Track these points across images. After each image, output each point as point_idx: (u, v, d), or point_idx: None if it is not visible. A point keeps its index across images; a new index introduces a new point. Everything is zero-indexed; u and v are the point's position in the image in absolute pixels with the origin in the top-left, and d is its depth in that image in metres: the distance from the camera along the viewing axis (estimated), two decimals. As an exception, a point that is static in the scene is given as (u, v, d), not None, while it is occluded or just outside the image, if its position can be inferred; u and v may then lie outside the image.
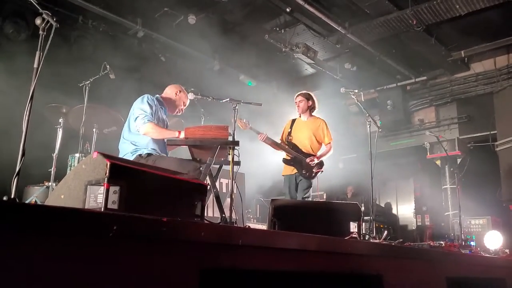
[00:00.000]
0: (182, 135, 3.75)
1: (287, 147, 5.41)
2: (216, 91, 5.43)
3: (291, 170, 5.42)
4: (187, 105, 4.26)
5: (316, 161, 5.38)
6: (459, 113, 9.58)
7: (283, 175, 5.57)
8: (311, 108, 5.60)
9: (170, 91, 4.23)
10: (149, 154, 3.77)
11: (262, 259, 2.11)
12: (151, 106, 3.88)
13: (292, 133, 5.54)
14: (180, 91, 4.21)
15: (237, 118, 4.46)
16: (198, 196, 2.63)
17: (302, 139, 5.50)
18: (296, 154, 5.38)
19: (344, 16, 7.43)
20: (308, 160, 5.35)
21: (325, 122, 5.62)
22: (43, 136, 4.94)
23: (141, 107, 3.85)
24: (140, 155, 3.76)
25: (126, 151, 3.82)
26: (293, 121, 5.66)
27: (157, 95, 4.14)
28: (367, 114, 5.15)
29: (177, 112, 4.23)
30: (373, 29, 7.57)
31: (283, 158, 5.47)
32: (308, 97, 5.61)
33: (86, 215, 1.54)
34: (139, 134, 3.81)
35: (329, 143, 5.57)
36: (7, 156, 2.86)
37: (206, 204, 3.93)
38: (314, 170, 5.38)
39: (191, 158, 3.94)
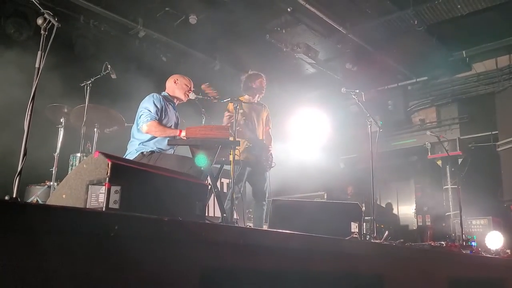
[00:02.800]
0: (183, 134, 3.79)
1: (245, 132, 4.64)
2: (217, 90, 5.42)
3: (245, 157, 4.58)
4: (192, 86, 4.30)
5: (271, 149, 4.82)
6: (460, 113, 9.56)
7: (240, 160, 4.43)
8: None
9: (169, 84, 4.32)
10: (151, 152, 3.83)
11: (263, 259, 2.11)
12: (156, 106, 3.94)
13: (246, 115, 4.76)
14: (177, 79, 4.29)
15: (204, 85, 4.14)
16: (199, 196, 2.63)
17: (257, 123, 4.88)
18: (257, 139, 4.71)
19: (345, 16, 7.41)
20: (269, 147, 4.80)
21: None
22: (45, 136, 4.95)
23: (145, 105, 3.95)
24: (142, 153, 3.81)
25: (131, 149, 3.90)
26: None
27: (163, 93, 4.22)
28: (368, 114, 5.14)
29: (187, 96, 4.26)
30: (374, 29, 7.56)
31: (246, 146, 4.64)
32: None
33: (87, 215, 1.55)
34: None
35: (269, 129, 5.07)
36: (8, 156, 2.87)
37: (207, 204, 3.95)
38: (269, 160, 4.80)
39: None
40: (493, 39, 8.25)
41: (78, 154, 5.02)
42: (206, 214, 4.07)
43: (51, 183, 4.89)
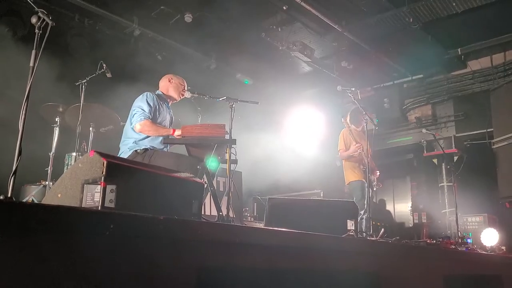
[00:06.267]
0: (177, 133, 3.78)
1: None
2: (213, 89, 5.42)
3: (363, 177, 5.61)
4: (186, 85, 4.32)
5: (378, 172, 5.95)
6: (455, 111, 9.58)
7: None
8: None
9: (163, 83, 4.35)
10: (145, 150, 3.82)
11: (259, 257, 2.11)
12: (149, 104, 3.94)
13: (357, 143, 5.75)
14: (172, 78, 4.33)
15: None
16: (195, 194, 2.63)
17: (365, 149, 5.76)
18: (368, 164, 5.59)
19: (340, 14, 7.41)
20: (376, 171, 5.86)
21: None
22: (40, 135, 4.93)
23: (139, 104, 3.94)
24: (136, 150, 3.81)
25: (124, 148, 3.89)
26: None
27: (157, 92, 4.23)
28: (364, 112, 5.15)
29: (181, 95, 4.28)
30: (369, 27, 7.56)
31: (363, 169, 5.67)
32: None
33: (83, 214, 1.54)
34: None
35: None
36: (3, 155, 2.85)
37: (203, 203, 3.94)
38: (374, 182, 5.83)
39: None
40: (488, 36, 8.27)
41: (74, 153, 5.01)
42: (202, 213, 4.07)
43: (47, 182, 4.87)
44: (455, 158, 8.37)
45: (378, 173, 5.91)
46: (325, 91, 9.67)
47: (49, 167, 4.90)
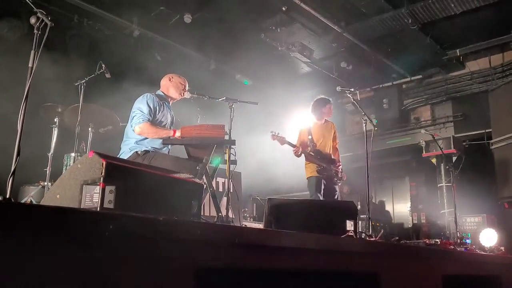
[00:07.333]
0: (178, 134, 3.78)
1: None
2: (212, 90, 5.42)
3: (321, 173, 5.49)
4: (186, 84, 4.32)
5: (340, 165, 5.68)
6: (454, 112, 9.61)
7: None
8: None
9: (164, 82, 4.33)
10: (146, 152, 3.82)
11: (258, 258, 2.11)
12: (149, 106, 3.93)
13: (316, 138, 5.54)
14: (172, 77, 4.31)
15: (271, 133, 5.03)
16: (195, 195, 2.63)
17: (326, 141, 5.62)
18: (328, 159, 5.50)
19: (340, 15, 7.43)
20: (338, 163, 5.61)
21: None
22: (39, 136, 4.92)
23: (139, 106, 3.93)
24: (136, 152, 3.80)
25: (125, 148, 3.89)
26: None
27: (158, 92, 4.22)
28: (363, 113, 5.15)
29: (181, 95, 4.28)
30: (368, 28, 7.58)
31: (318, 168, 5.47)
32: None
33: (82, 215, 1.54)
34: None
35: (337, 144, 5.86)
36: (2, 156, 2.85)
37: (202, 203, 3.94)
38: (339, 174, 5.64)
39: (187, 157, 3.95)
40: (487, 37, 8.30)
41: (73, 154, 5.00)
42: (202, 213, 4.07)
43: (45, 183, 4.86)
44: (454, 158, 8.39)
45: (340, 166, 5.63)
46: (324, 91, 9.65)
47: (48, 167, 4.89)
